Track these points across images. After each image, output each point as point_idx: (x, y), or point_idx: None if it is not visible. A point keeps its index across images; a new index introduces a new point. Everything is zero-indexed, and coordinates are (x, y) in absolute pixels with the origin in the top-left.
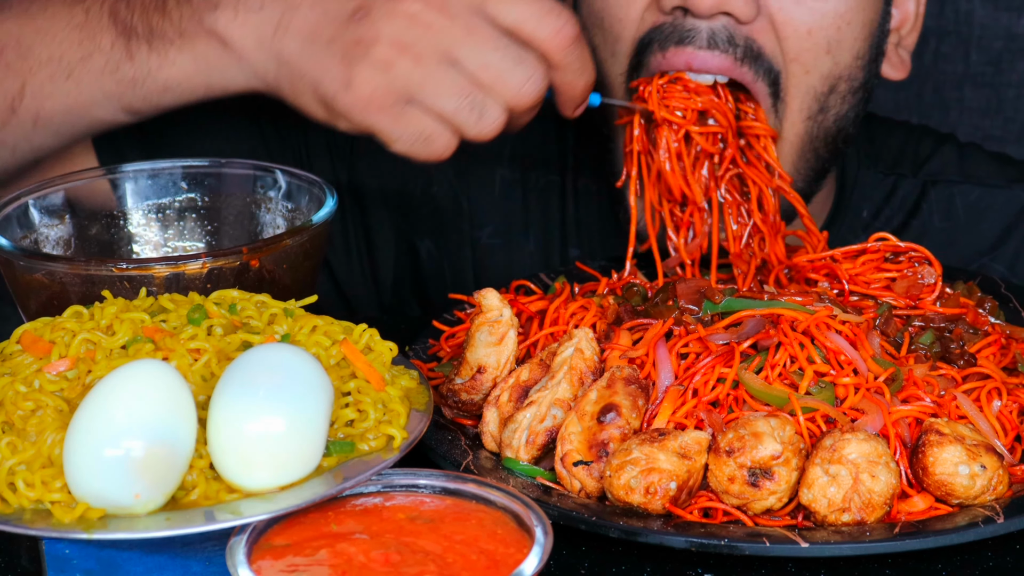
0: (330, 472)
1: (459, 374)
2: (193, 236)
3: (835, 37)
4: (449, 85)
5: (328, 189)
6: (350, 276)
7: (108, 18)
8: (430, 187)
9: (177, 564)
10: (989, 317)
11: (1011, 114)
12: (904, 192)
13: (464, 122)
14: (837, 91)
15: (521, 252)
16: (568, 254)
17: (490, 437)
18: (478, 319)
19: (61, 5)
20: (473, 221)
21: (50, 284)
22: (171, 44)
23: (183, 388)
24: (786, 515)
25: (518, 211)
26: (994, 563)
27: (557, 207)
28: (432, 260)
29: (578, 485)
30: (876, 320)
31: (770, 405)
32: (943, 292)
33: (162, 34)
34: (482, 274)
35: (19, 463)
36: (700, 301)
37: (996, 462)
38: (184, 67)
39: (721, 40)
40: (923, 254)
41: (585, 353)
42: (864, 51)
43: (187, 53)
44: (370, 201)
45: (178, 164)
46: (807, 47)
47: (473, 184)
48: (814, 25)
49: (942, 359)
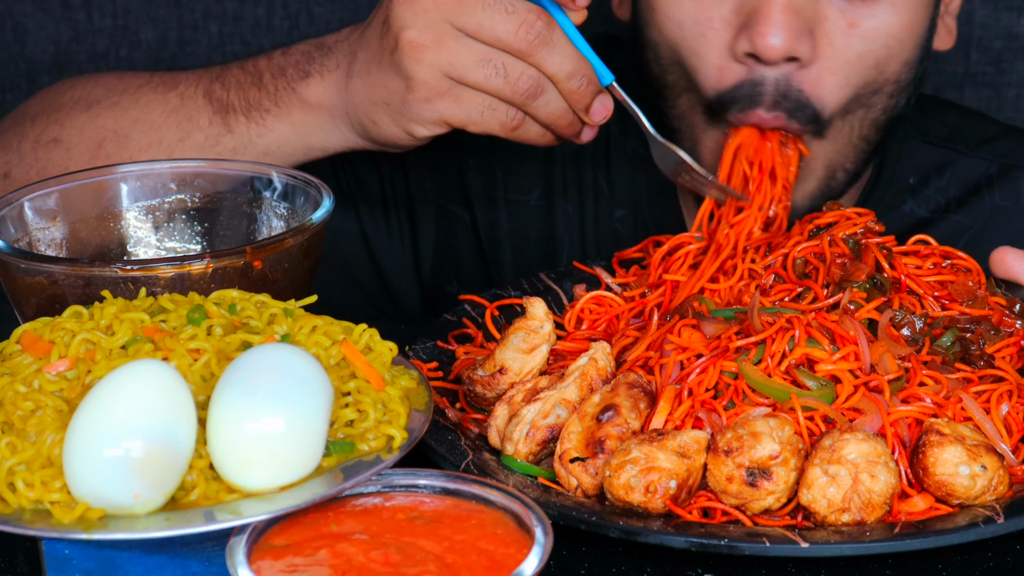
0: (330, 472)
1: (483, 366)
2: (184, 237)
3: (884, 56)
4: (468, 56)
5: (324, 189)
6: (391, 256)
7: (203, 99)
8: (466, 159)
9: (177, 564)
10: (1017, 321)
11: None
12: (962, 167)
13: (499, 87)
14: (883, 92)
15: (563, 214)
16: (612, 215)
17: (496, 431)
18: (518, 321)
19: (153, 94)
20: (514, 187)
21: (49, 286)
22: (268, 113)
23: (183, 388)
24: (786, 515)
25: (558, 175)
26: (994, 563)
27: (602, 168)
28: (473, 229)
29: (575, 483)
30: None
31: (770, 398)
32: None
33: (259, 105)
34: (524, 240)
35: (19, 463)
36: None
37: (996, 462)
38: (283, 132)
39: (780, 96)
40: (968, 262)
41: (599, 363)
42: (915, 56)
43: (284, 120)
44: (414, 179)
45: (173, 165)
46: (856, 70)
47: (513, 148)
48: (864, 50)
49: (962, 359)
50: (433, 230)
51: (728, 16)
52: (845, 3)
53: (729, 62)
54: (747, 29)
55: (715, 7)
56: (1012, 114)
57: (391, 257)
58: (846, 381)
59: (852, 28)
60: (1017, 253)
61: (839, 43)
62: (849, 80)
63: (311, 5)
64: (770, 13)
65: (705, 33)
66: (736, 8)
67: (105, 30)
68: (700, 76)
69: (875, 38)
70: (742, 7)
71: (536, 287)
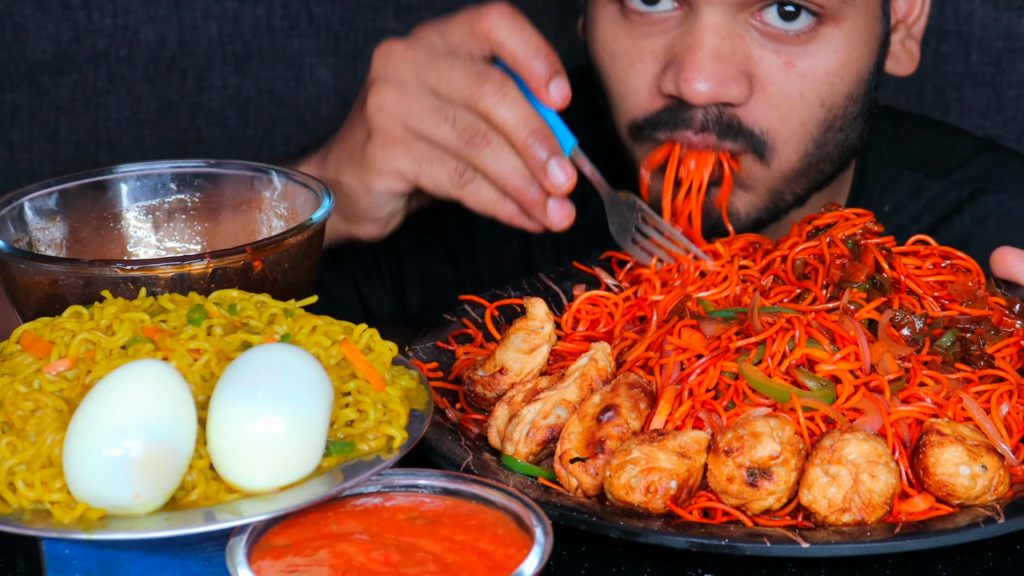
0: (330, 472)
1: (484, 367)
2: (184, 237)
3: (827, 92)
4: (425, 106)
5: (324, 189)
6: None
7: None
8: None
9: (177, 564)
10: (1016, 321)
11: (1011, 114)
12: (934, 193)
13: (446, 136)
14: (834, 128)
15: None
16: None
17: (496, 432)
18: (519, 322)
19: None
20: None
21: (49, 286)
22: None
23: (183, 388)
24: (786, 515)
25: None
26: (995, 563)
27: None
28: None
29: (575, 483)
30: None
31: (770, 398)
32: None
33: None
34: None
35: (19, 463)
36: None
37: (997, 462)
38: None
39: (711, 123)
40: (968, 263)
41: (599, 363)
42: (860, 89)
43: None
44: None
45: (173, 165)
46: (799, 107)
47: None
48: (805, 87)
49: (962, 360)
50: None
51: (658, 52)
52: (778, 46)
53: (655, 96)
54: (673, 70)
55: (647, 44)
56: (1012, 114)
57: (381, 306)
58: (846, 381)
59: (789, 67)
60: (1018, 253)
61: (778, 81)
62: (792, 114)
63: (311, 5)
64: (695, 59)
65: (635, 64)
66: (667, 47)
67: (105, 30)
68: (625, 104)
69: (815, 76)
70: (671, 48)
71: (536, 287)
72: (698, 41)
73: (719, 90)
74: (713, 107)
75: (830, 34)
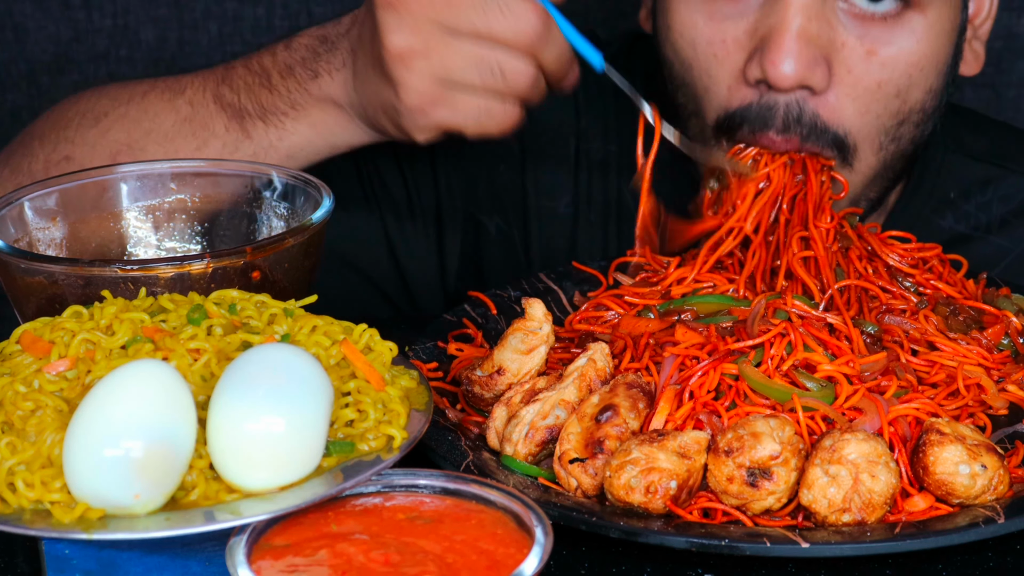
0: (330, 472)
1: (481, 367)
2: (184, 237)
3: (905, 84)
4: (462, 58)
5: (324, 189)
6: (415, 260)
7: (214, 104)
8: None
9: (177, 564)
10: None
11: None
12: (1009, 187)
13: (498, 88)
14: (909, 122)
15: (586, 224)
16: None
17: (494, 433)
18: (517, 323)
19: (160, 102)
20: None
21: (49, 286)
22: (286, 116)
23: (183, 388)
24: (786, 515)
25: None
26: (995, 563)
27: (627, 179)
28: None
29: (575, 483)
30: None
31: (770, 399)
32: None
33: (274, 109)
34: (550, 249)
35: (19, 463)
36: None
37: (997, 462)
38: (305, 133)
39: (792, 121)
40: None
41: (598, 364)
42: (938, 84)
43: (304, 121)
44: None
45: (173, 165)
46: (877, 98)
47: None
48: (884, 78)
49: None
50: (460, 238)
51: (741, 38)
52: (863, 30)
53: (740, 84)
54: (759, 54)
55: (729, 29)
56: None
57: (415, 262)
58: (845, 381)
59: (871, 56)
60: None
61: (858, 70)
62: (870, 108)
63: (311, 5)
64: (782, 40)
65: (717, 54)
66: (750, 31)
67: (105, 30)
68: (710, 96)
69: (895, 66)
70: (755, 31)
71: (536, 287)
72: (785, 22)
73: (805, 73)
74: (794, 103)
75: (915, 20)
